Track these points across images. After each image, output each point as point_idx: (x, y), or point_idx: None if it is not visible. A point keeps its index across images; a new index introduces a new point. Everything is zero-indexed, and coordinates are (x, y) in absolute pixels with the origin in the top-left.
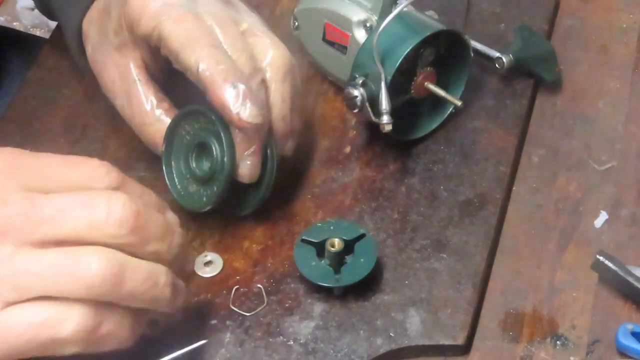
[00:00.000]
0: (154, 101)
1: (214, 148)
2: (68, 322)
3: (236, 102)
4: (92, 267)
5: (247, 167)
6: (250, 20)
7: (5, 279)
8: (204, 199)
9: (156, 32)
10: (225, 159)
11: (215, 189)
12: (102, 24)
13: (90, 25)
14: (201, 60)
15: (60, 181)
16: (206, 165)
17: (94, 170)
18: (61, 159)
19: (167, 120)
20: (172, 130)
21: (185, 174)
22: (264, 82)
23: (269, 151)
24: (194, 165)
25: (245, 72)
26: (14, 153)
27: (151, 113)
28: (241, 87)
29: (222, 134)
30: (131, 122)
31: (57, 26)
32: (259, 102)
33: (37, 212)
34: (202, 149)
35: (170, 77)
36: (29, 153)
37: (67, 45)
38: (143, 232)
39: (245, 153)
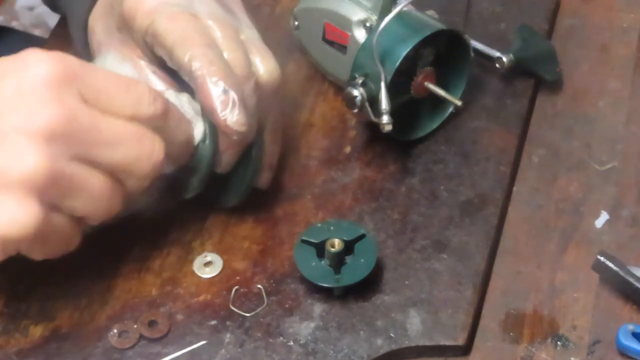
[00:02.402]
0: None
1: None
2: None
3: (225, 107)
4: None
5: (222, 159)
6: (248, 32)
7: (55, 183)
8: (188, 187)
9: (150, 29)
10: (208, 150)
11: (196, 176)
12: (107, 20)
13: (96, 21)
14: (194, 59)
15: (113, 100)
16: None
17: (143, 96)
18: (116, 78)
19: None
20: None
21: None
22: (256, 88)
23: (254, 149)
24: None
25: (239, 75)
26: (76, 62)
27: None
28: (232, 93)
29: (206, 128)
30: None
31: (57, 26)
32: (248, 110)
33: (96, 134)
34: None
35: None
36: (88, 65)
37: (70, 37)
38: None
39: (227, 151)
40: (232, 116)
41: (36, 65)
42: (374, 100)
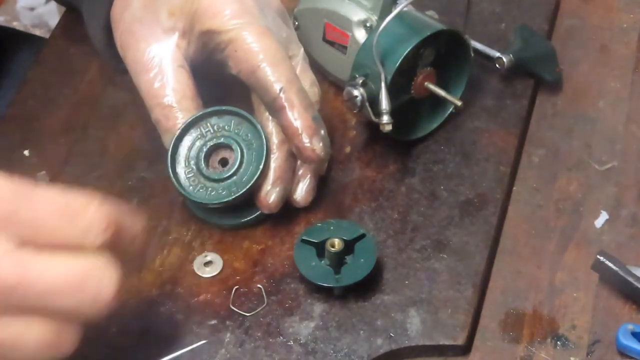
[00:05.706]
0: (191, 92)
1: (239, 152)
2: None
3: (312, 134)
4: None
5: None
6: (296, 50)
7: None
8: (213, 194)
9: (232, 35)
10: (260, 167)
11: (233, 189)
12: (153, 4)
13: (129, 7)
14: (285, 83)
15: (54, 234)
16: (216, 165)
17: (91, 226)
18: (59, 207)
19: (191, 112)
20: (192, 123)
21: (191, 166)
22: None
23: None
24: (203, 163)
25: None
26: (8, 195)
27: (183, 101)
28: (319, 118)
29: (264, 145)
30: (155, 99)
31: (57, 26)
32: (325, 136)
33: (24, 288)
34: (216, 149)
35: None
36: (25, 194)
37: (75, 35)
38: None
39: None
40: (317, 142)
41: None
42: (374, 100)
